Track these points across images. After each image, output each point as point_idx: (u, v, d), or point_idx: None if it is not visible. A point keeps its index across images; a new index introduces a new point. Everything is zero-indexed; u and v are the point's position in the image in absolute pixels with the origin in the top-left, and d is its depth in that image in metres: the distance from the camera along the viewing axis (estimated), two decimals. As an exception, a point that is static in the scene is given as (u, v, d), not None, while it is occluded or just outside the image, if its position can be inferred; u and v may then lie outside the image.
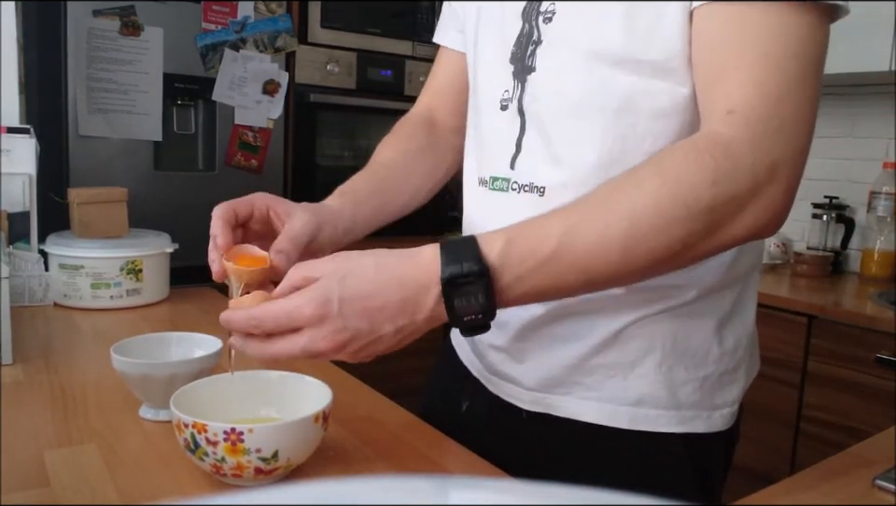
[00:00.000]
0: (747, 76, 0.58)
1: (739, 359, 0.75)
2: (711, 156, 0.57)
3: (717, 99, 0.60)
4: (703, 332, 0.72)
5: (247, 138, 2.20)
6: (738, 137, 0.57)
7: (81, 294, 1.23)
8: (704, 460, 0.74)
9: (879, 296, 1.87)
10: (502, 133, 0.75)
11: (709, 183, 0.56)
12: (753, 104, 0.57)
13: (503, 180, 0.74)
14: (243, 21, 2.14)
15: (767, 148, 0.57)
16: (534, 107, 0.71)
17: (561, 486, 0.18)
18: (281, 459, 0.60)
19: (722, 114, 0.59)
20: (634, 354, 0.71)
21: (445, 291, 0.56)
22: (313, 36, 2.31)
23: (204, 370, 0.76)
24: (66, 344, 1.05)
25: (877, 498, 0.67)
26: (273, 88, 2.22)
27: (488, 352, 0.80)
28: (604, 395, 0.72)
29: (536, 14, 0.70)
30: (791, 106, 0.58)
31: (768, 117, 0.57)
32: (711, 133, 0.59)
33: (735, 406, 0.75)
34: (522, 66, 0.72)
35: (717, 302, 0.72)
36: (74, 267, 1.23)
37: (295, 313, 0.56)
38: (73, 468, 0.65)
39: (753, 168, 0.57)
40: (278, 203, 0.73)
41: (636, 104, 0.65)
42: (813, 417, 1.78)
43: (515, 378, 0.77)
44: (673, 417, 0.71)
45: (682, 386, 0.71)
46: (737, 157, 0.57)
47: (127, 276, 1.25)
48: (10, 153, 1.30)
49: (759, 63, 0.58)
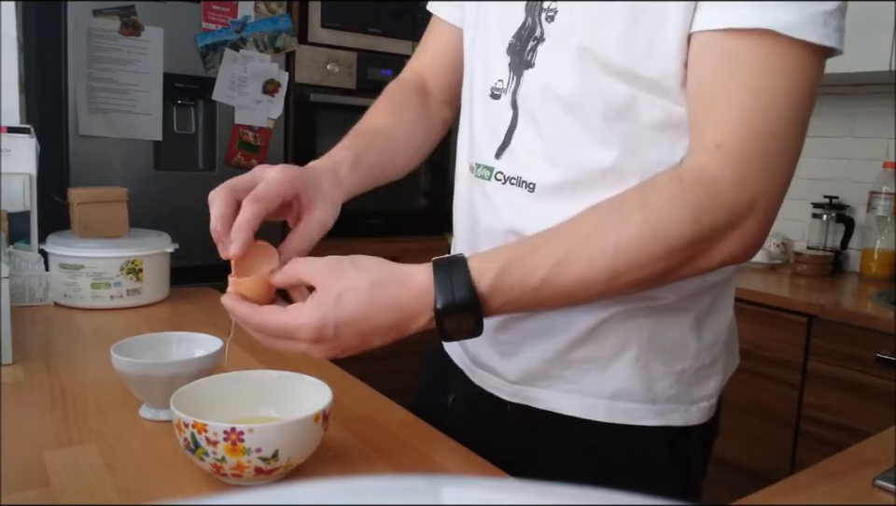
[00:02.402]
0: (738, 111, 0.59)
1: (717, 354, 0.75)
2: (695, 193, 0.59)
3: (706, 130, 0.61)
4: (680, 328, 0.73)
5: (247, 138, 2.20)
6: (723, 175, 0.59)
7: (81, 294, 1.23)
8: (682, 453, 0.75)
9: (879, 296, 1.87)
10: (491, 121, 0.75)
11: (690, 221, 0.59)
12: (741, 140, 0.59)
13: (486, 168, 0.76)
14: (243, 21, 2.14)
15: (749, 186, 0.59)
16: (528, 103, 0.71)
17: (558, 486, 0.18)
18: (281, 459, 0.60)
19: (710, 147, 0.60)
20: (611, 348, 0.72)
21: (438, 318, 0.60)
22: (313, 36, 2.31)
23: (204, 370, 0.76)
24: (66, 344, 1.05)
25: (877, 498, 0.67)
26: (274, 88, 2.22)
27: (473, 343, 0.81)
28: (582, 388, 0.73)
29: (539, 10, 0.70)
30: (777, 145, 0.59)
31: (753, 155, 0.59)
32: (697, 168, 0.60)
33: (714, 400, 0.76)
34: (520, 60, 0.72)
35: (695, 301, 0.73)
36: (74, 267, 1.23)
37: (295, 333, 0.61)
38: (73, 468, 0.65)
39: (733, 204, 0.59)
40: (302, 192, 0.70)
41: (633, 113, 0.66)
42: (813, 417, 1.78)
43: (498, 370, 0.78)
44: (650, 411, 0.72)
45: (659, 381, 0.72)
46: (720, 194, 0.59)
47: (127, 276, 1.25)
48: (10, 153, 1.31)
49: (750, 101, 0.59)
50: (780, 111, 0.59)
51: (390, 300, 0.60)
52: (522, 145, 0.72)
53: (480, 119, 0.77)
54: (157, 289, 1.31)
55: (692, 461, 0.77)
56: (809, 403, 1.79)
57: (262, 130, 2.22)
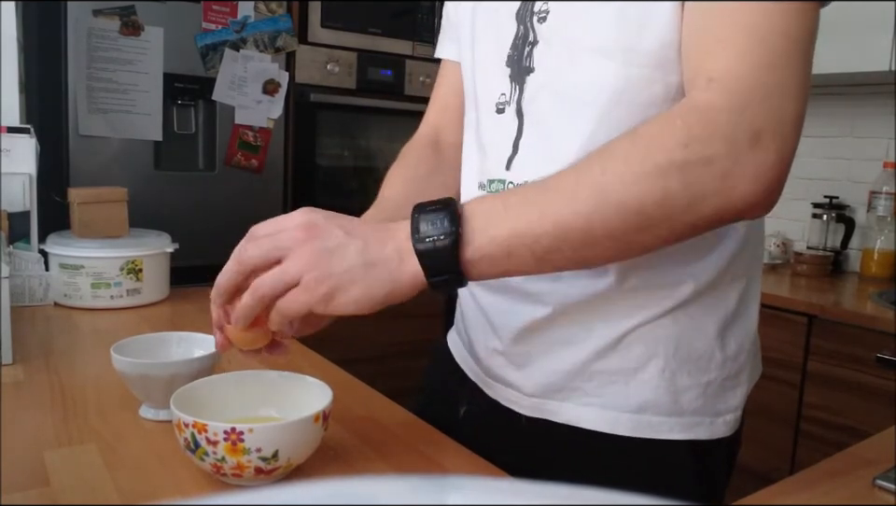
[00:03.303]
0: (732, 49, 0.57)
1: (742, 364, 0.74)
2: (683, 121, 0.56)
3: (699, 71, 0.59)
4: (705, 337, 0.71)
5: (248, 138, 2.20)
6: (716, 104, 0.56)
7: (81, 294, 1.23)
8: (707, 467, 0.73)
9: (879, 296, 1.87)
10: (499, 136, 0.75)
11: (680, 145, 0.55)
12: (737, 73, 0.56)
13: (499, 182, 0.75)
14: (243, 21, 2.14)
15: (750, 116, 0.55)
16: (533, 107, 0.71)
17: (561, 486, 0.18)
18: (281, 459, 0.60)
19: (702, 83, 0.58)
20: (636, 360, 0.70)
21: (413, 217, 0.58)
22: (313, 36, 2.31)
23: (204, 370, 0.76)
24: (66, 344, 1.05)
25: (877, 498, 0.67)
26: (274, 88, 2.22)
27: (486, 356, 0.79)
28: (605, 401, 0.71)
29: (530, 15, 0.71)
30: (778, 77, 0.56)
31: (752, 87, 0.56)
32: (687, 101, 0.58)
33: (739, 411, 0.74)
34: (519, 68, 0.72)
35: (717, 304, 0.71)
36: (74, 267, 1.23)
37: (283, 223, 0.59)
38: (73, 468, 0.65)
39: (732, 134, 0.55)
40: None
41: (628, 95, 0.65)
42: (813, 417, 1.78)
43: (514, 383, 0.76)
44: (676, 424, 0.70)
45: (685, 393, 0.70)
46: (713, 123, 0.55)
47: (127, 276, 1.25)
48: (10, 153, 1.31)
49: (744, 38, 0.57)
50: (778, 45, 0.56)
51: (375, 225, 0.61)
52: (528, 150, 0.72)
53: (487, 137, 0.77)
54: (157, 289, 1.31)
55: (716, 476, 0.75)
56: (809, 403, 1.79)
57: (262, 130, 2.22)
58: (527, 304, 0.73)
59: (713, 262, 0.70)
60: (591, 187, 0.56)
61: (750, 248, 0.72)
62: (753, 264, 0.74)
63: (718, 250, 0.69)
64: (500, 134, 0.74)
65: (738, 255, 0.71)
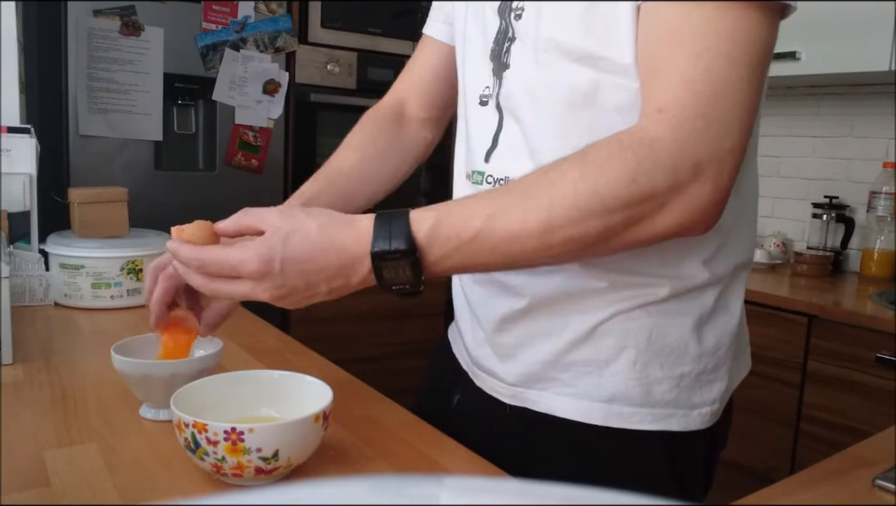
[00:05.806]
0: (679, 75, 0.58)
1: (721, 359, 0.74)
2: (633, 153, 0.58)
3: (650, 96, 0.61)
4: (679, 330, 0.72)
5: (248, 138, 2.20)
6: (663, 136, 0.58)
7: (82, 294, 1.23)
8: (681, 459, 0.74)
9: (879, 296, 1.87)
10: (482, 128, 0.77)
11: (628, 180, 0.57)
12: (683, 103, 0.58)
13: (479, 174, 0.77)
14: (243, 21, 2.14)
15: (692, 148, 0.58)
16: (510, 103, 0.73)
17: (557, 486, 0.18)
18: (281, 459, 0.60)
19: (653, 111, 0.59)
20: (608, 351, 0.72)
21: (375, 264, 0.60)
22: (313, 36, 2.31)
23: (204, 370, 0.76)
24: (66, 344, 1.05)
25: (877, 498, 0.67)
26: (274, 88, 2.22)
27: (474, 346, 0.82)
28: (579, 391, 0.73)
29: (509, 11, 0.73)
30: (722, 108, 0.58)
31: (696, 116, 0.58)
32: (638, 130, 0.60)
33: (716, 405, 0.75)
34: (499, 63, 0.74)
35: (695, 301, 0.72)
36: (74, 267, 1.23)
37: (240, 266, 0.60)
38: (73, 468, 0.65)
39: (674, 167, 0.57)
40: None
41: (599, 98, 0.66)
42: (813, 417, 1.78)
43: (497, 373, 0.78)
44: (647, 415, 0.72)
45: (657, 384, 0.72)
46: (660, 155, 0.58)
47: (127, 276, 1.25)
48: (10, 153, 1.31)
49: (691, 64, 0.58)
50: (723, 73, 0.58)
51: (335, 240, 0.61)
52: (506, 145, 0.74)
53: (473, 128, 0.79)
54: (157, 289, 1.31)
55: (691, 468, 0.75)
56: (809, 403, 1.79)
57: (262, 130, 2.22)
58: (506, 296, 0.75)
59: (689, 265, 0.71)
60: (539, 227, 0.59)
61: (731, 250, 0.73)
62: (737, 267, 0.74)
63: (695, 253, 0.70)
64: (483, 127, 0.77)
65: (717, 258, 0.72)
